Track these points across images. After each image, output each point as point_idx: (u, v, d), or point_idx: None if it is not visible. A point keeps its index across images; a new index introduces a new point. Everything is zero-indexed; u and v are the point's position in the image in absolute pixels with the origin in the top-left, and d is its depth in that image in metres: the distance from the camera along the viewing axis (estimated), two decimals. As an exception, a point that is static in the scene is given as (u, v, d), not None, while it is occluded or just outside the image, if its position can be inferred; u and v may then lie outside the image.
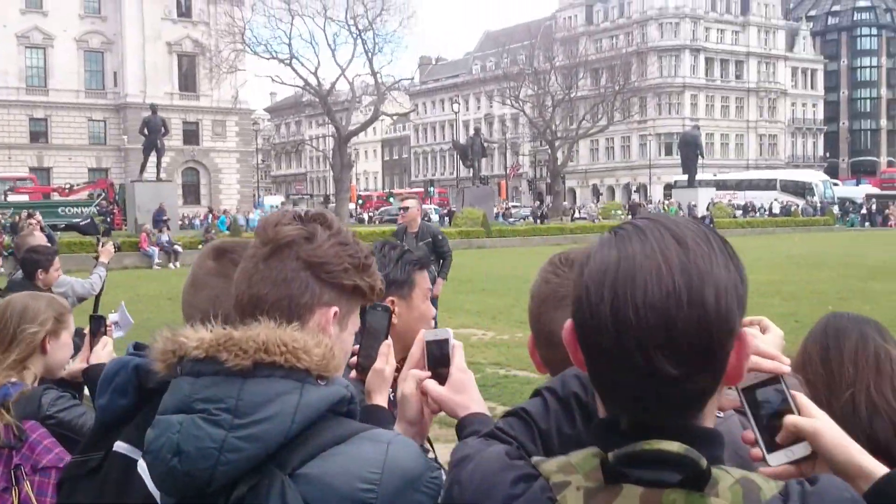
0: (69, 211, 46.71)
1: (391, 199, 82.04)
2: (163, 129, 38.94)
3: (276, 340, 1.44)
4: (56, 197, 50.12)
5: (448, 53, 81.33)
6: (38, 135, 69.72)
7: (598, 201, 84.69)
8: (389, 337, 1.97)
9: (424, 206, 67.09)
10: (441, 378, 1.71)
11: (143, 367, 1.79)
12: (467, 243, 38.27)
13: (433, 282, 9.81)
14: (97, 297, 6.79)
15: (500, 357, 11.63)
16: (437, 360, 1.74)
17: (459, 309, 16.79)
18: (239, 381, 1.42)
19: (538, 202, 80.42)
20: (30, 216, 16.49)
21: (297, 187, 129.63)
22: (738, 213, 57.67)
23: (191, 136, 72.58)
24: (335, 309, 1.63)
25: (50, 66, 69.71)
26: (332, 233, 1.64)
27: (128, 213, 39.64)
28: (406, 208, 10.87)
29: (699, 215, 46.92)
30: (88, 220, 11.23)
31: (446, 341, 1.76)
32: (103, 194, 48.23)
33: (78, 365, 3.04)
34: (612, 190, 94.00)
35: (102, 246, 7.76)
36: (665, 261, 1.11)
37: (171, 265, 30.19)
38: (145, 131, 38.57)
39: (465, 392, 1.70)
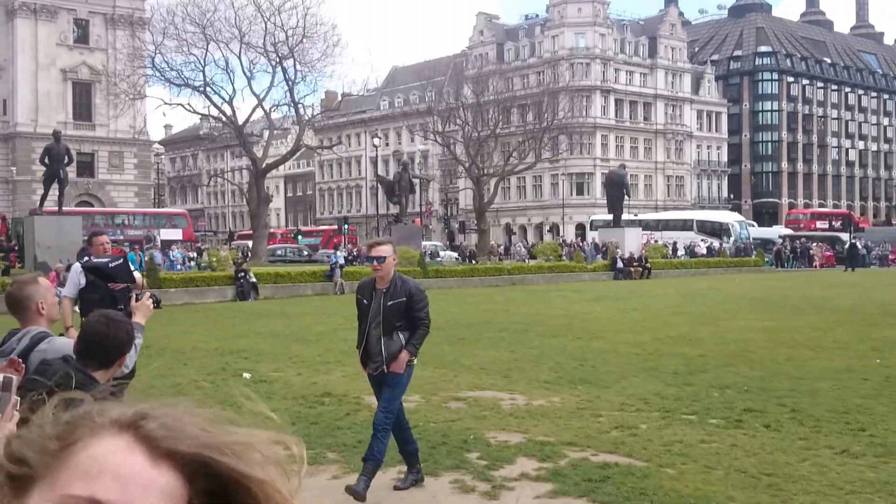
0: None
1: (299, 238, 79.01)
2: (66, 158, 35.36)
3: None
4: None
5: (346, 89, 79.28)
6: (-83, 165, 64.57)
7: (509, 241, 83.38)
8: None
9: (326, 249, 64.89)
10: None
11: None
12: (402, 284, 35.86)
13: (377, 354, 7.31)
14: None
15: (563, 433, 9.23)
16: None
17: (457, 364, 14.40)
18: None
19: (449, 241, 78.91)
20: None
21: (199, 223, 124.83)
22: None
23: (85, 167, 68.12)
24: None
25: (-68, 91, 64.82)
26: None
27: (26, 250, 35.78)
28: (381, 258, 7.25)
29: (627, 255, 45.86)
30: (120, 262, 8.33)
31: None
32: (-5, 229, 44.05)
33: None
34: (524, 229, 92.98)
35: (137, 300, 5.28)
36: None
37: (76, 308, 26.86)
38: (46, 160, 34.93)
39: None
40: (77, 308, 8.96)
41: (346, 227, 73.49)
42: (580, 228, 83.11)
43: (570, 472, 7.56)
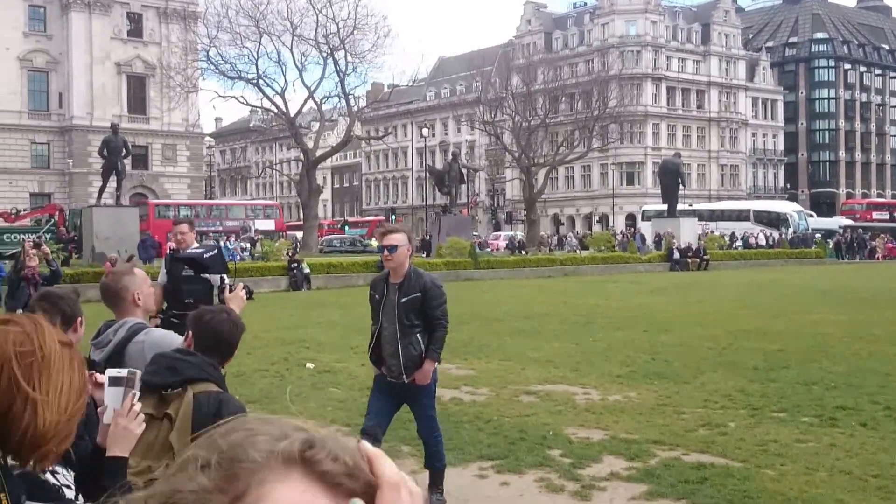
0: (14, 238, 42.99)
1: (345, 228, 79.08)
2: (124, 151, 35.59)
3: None
4: (0, 223, 46.26)
5: (398, 80, 79.15)
6: (-23, 158, 65.46)
7: (556, 231, 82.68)
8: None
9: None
10: None
11: None
12: (454, 275, 35.67)
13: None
14: None
15: (647, 431, 8.82)
16: None
17: (523, 357, 14.05)
18: None
19: (497, 231, 78.44)
20: (36, 246, 13.40)
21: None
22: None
23: (139, 160, 68.58)
24: None
25: (-10, 85, 65.66)
26: None
27: (84, 241, 36.05)
28: (393, 247, 6.44)
29: (683, 246, 45.09)
30: (215, 252, 8.10)
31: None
32: (52, 220, 44.48)
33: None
34: (572, 219, 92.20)
35: (231, 291, 5.09)
36: None
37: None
38: (105, 152, 35.17)
39: None
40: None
41: (393, 217, 73.33)
42: (630, 219, 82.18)
43: (664, 473, 7.17)
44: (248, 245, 45.85)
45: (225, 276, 7.70)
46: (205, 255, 8.32)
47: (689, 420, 9.20)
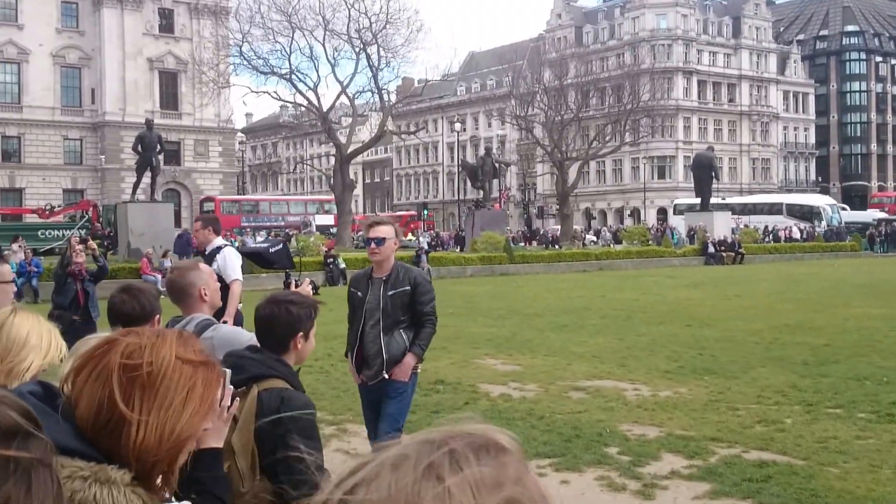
0: (50, 234, 43.45)
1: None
2: (158, 146, 35.80)
3: None
4: (35, 219, 46.69)
5: (428, 74, 78.96)
6: (10, 154, 66.03)
7: (588, 225, 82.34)
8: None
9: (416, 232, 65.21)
10: None
11: None
12: (489, 269, 35.77)
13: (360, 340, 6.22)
14: None
15: (702, 427, 8.74)
16: None
17: (567, 352, 14.01)
18: None
19: (526, 227, 78.16)
20: (83, 241, 13.47)
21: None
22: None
23: (172, 155, 68.96)
24: None
25: (24, 81, 66.18)
26: None
27: (119, 237, 36.29)
28: (380, 239, 6.15)
29: (718, 239, 44.78)
30: (280, 247, 8.01)
31: None
32: (87, 216, 44.83)
33: None
34: (603, 214, 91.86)
35: (297, 286, 5.03)
36: None
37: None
38: (139, 148, 35.38)
39: None
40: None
41: (425, 212, 73.39)
42: (661, 213, 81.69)
43: (726, 471, 7.10)
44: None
45: (290, 271, 7.70)
46: (270, 250, 8.33)
47: (745, 416, 9.12)
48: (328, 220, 63.48)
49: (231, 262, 8.63)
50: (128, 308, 4.06)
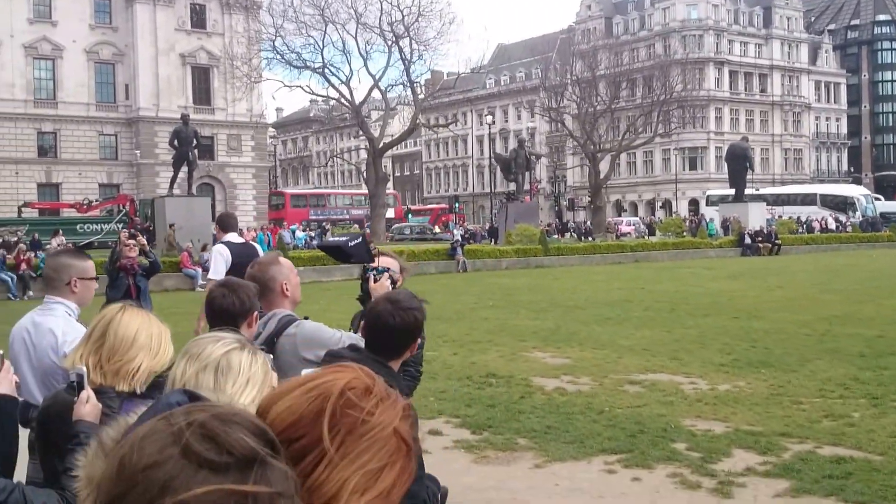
0: (88, 228, 43.83)
1: (409, 216, 79.32)
2: (194, 141, 35.97)
3: None
4: (74, 213, 47.10)
5: (464, 67, 78.74)
6: (47, 149, 66.59)
7: (619, 217, 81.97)
8: None
9: (446, 224, 65.41)
10: None
11: None
12: (524, 262, 35.64)
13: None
14: None
15: (769, 422, 8.65)
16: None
17: (616, 345, 13.93)
18: None
19: (557, 219, 77.93)
20: (132, 237, 13.54)
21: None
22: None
23: (205, 150, 69.24)
24: None
25: (59, 78, 66.72)
26: None
27: (157, 231, 36.54)
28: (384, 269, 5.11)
29: (754, 230, 44.42)
30: (359, 241, 7.78)
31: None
32: (124, 210, 45.17)
33: None
34: (634, 205, 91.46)
35: (376, 281, 4.87)
36: None
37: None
38: (175, 143, 35.57)
39: None
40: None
41: (456, 205, 73.42)
42: (693, 204, 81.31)
43: (803, 468, 7.00)
44: (319, 234, 46.21)
45: (369, 265, 7.63)
46: (349, 244, 8.26)
47: (810, 411, 9.02)
48: (389, 213, 65.03)
49: (214, 261, 8.71)
50: (228, 303, 3.99)
